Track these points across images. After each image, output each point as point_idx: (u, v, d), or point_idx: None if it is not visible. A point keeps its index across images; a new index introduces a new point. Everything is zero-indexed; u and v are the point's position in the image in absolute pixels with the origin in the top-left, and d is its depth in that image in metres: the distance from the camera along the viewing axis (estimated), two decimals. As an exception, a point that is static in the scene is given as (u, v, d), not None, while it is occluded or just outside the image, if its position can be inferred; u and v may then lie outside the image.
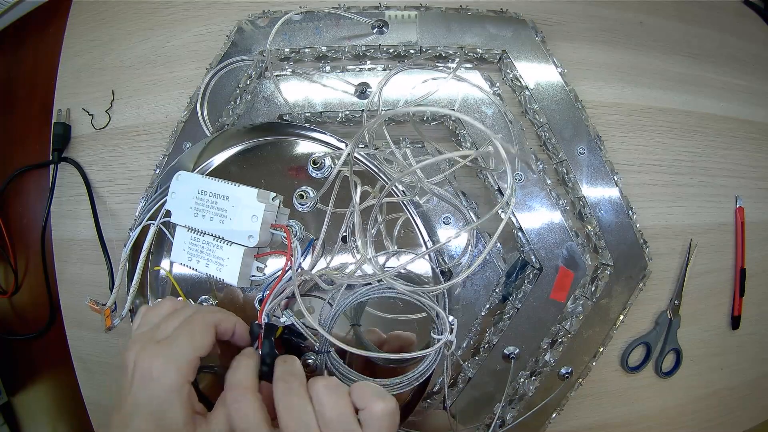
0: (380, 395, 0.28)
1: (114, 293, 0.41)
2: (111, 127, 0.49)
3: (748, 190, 0.52)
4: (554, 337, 0.44)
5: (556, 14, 0.50)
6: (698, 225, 0.50)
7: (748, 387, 0.53)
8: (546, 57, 0.45)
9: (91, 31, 0.51)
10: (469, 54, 0.45)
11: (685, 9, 0.55)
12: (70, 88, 0.51)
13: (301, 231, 0.38)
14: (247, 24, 0.46)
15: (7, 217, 0.52)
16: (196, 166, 0.41)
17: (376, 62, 0.46)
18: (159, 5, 0.50)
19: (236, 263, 0.34)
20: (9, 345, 0.54)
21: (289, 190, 0.38)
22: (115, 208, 0.48)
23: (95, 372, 0.49)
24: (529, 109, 0.46)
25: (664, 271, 0.49)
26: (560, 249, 0.43)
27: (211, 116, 0.44)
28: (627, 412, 0.49)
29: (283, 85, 0.44)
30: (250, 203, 0.34)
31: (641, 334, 0.49)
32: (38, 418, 0.57)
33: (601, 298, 0.43)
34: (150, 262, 0.41)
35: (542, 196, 0.43)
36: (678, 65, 0.52)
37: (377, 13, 0.45)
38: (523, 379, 0.44)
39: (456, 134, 0.44)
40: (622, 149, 0.49)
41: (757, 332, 0.53)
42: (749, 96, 0.54)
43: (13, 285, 0.53)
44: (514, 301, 0.43)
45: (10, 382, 0.56)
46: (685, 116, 0.51)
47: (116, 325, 0.40)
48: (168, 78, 0.49)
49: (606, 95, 0.49)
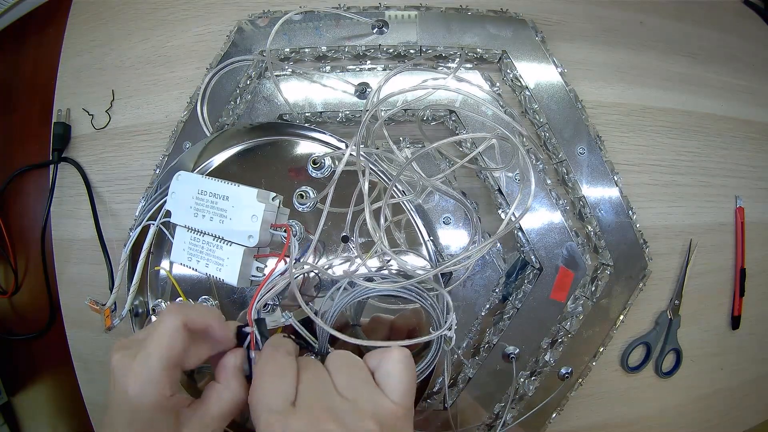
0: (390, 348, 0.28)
1: (114, 293, 0.41)
2: (111, 127, 0.49)
3: (748, 190, 0.52)
4: (554, 337, 0.44)
5: (556, 14, 0.50)
6: (698, 225, 0.50)
7: (748, 387, 0.53)
8: (546, 57, 0.45)
9: (91, 31, 0.51)
10: (469, 54, 0.45)
11: (685, 9, 0.55)
12: (70, 88, 0.51)
13: (301, 231, 0.38)
14: (247, 24, 0.46)
15: (7, 217, 0.52)
16: (196, 166, 0.41)
17: (376, 62, 0.46)
18: (159, 5, 0.50)
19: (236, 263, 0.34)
20: (9, 345, 0.54)
21: (289, 190, 0.38)
22: (115, 208, 0.48)
23: (95, 372, 0.49)
24: (529, 109, 0.46)
25: (664, 271, 0.49)
26: (560, 249, 0.43)
27: (211, 116, 0.44)
28: (627, 412, 0.49)
29: (283, 85, 0.44)
30: (250, 203, 0.34)
31: (641, 334, 0.49)
32: (38, 418, 0.57)
33: (601, 298, 0.43)
34: (150, 262, 0.41)
35: (542, 196, 0.43)
36: (678, 65, 0.52)
37: (377, 13, 0.45)
38: (523, 379, 0.44)
39: (456, 134, 0.44)
40: (622, 149, 0.49)
41: (757, 332, 0.53)
42: (749, 96, 0.54)
43: (13, 285, 0.53)
44: (514, 301, 0.43)
45: (10, 382, 0.56)
46: (685, 116, 0.51)
47: (116, 325, 0.40)
48: (168, 78, 0.49)
49: (606, 95, 0.49)
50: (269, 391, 0.25)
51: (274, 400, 0.25)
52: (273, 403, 0.25)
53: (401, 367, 0.27)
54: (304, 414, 0.24)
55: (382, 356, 0.28)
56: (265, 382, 0.26)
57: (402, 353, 0.28)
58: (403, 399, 0.27)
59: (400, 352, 0.28)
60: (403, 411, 0.27)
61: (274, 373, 0.26)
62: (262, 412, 0.25)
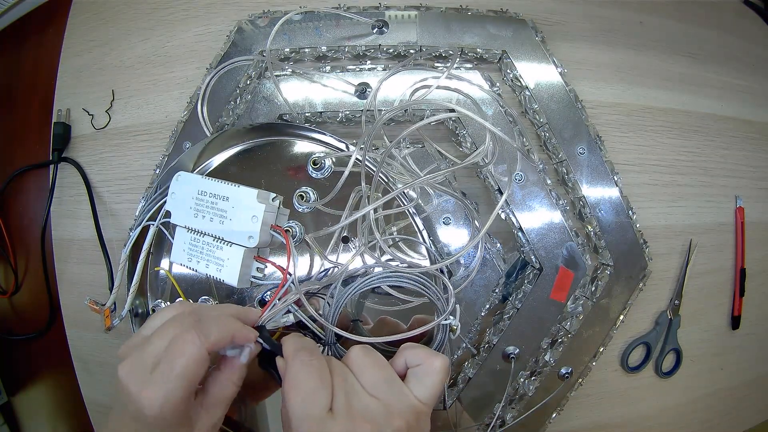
0: (434, 353, 0.30)
1: (114, 293, 0.41)
2: (111, 127, 0.49)
3: (748, 190, 0.52)
4: (554, 337, 0.44)
5: (556, 14, 0.50)
6: (698, 225, 0.50)
7: (748, 387, 0.53)
8: (546, 57, 0.45)
9: (91, 31, 0.51)
10: (469, 54, 0.45)
11: (685, 9, 0.55)
12: (70, 88, 0.51)
13: (301, 232, 0.38)
14: (247, 24, 0.46)
15: (7, 217, 0.52)
16: (196, 166, 0.41)
17: (376, 62, 0.46)
18: (159, 5, 0.50)
19: (236, 264, 0.34)
20: (9, 345, 0.54)
21: (289, 190, 0.38)
22: (115, 208, 0.48)
23: (95, 372, 0.49)
24: (529, 109, 0.46)
25: (664, 271, 0.49)
26: (560, 249, 0.43)
27: (211, 116, 0.44)
28: (627, 412, 0.49)
29: (283, 85, 0.44)
30: (250, 204, 0.34)
31: (641, 334, 0.49)
32: (38, 418, 0.57)
33: (601, 298, 0.43)
34: (150, 262, 0.41)
35: (542, 196, 0.43)
36: (678, 65, 0.52)
37: (377, 13, 0.45)
38: (523, 379, 0.44)
39: (456, 134, 0.44)
40: (622, 149, 0.49)
41: (757, 332, 0.53)
42: (749, 96, 0.54)
43: (13, 285, 0.53)
44: (514, 301, 0.43)
45: (10, 382, 0.56)
46: (685, 116, 0.51)
47: (116, 326, 0.40)
48: (168, 78, 0.49)
49: (606, 95, 0.49)
50: (309, 400, 0.26)
51: (314, 408, 0.25)
52: (312, 411, 0.25)
53: (441, 376, 0.29)
54: (342, 419, 0.25)
55: (423, 360, 0.29)
56: (304, 391, 0.26)
57: (445, 362, 0.29)
58: (430, 400, 0.28)
59: (443, 361, 0.29)
60: (428, 410, 0.28)
61: (310, 380, 0.26)
62: (304, 420, 0.25)
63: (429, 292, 0.33)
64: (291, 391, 0.26)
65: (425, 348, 0.30)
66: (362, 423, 0.25)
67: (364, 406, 0.26)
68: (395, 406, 0.27)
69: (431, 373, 0.29)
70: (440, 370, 0.29)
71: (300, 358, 0.27)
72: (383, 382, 0.28)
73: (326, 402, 0.26)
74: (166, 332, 0.26)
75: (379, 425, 0.26)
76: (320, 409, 0.25)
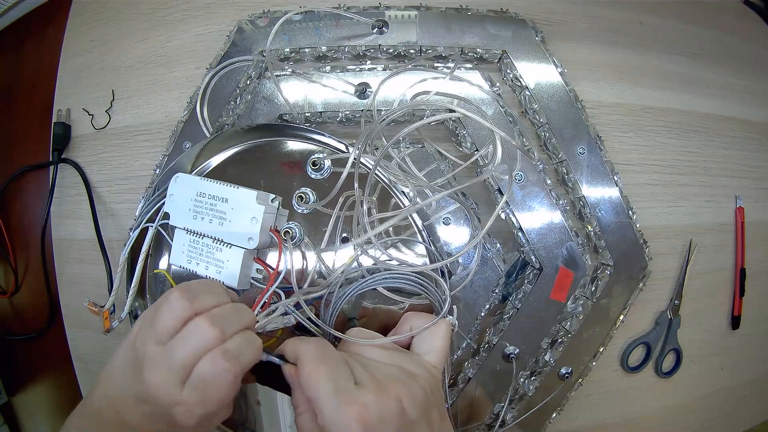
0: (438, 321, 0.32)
1: (113, 295, 0.40)
2: (111, 127, 0.49)
3: (748, 190, 0.52)
4: (554, 337, 0.44)
5: (557, 14, 0.50)
6: (698, 225, 0.50)
7: (748, 387, 0.53)
8: (546, 57, 0.45)
9: (91, 31, 0.51)
10: (469, 54, 0.45)
11: (685, 9, 0.55)
12: (70, 88, 0.51)
13: (300, 233, 0.37)
14: (247, 24, 0.46)
15: (7, 217, 0.52)
16: (194, 167, 0.41)
17: (376, 62, 0.45)
18: (159, 5, 0.50)
19: (236, 265, 0.34)
20: (9, 345, 0.54)
21: (289, 191, 0.38)
22: (114, 209, 0.48)
23: (95, 372, 0.49)
24: (529, 109, 0.46)
25: (664, 271, 0.49)
26: (560, 249, 0.43)
27: (211, 116, 0.44)
28: (627, 412, 0.49)
29: (283, 85, 0.44)
30: (249, 205, 0.34)
31: (641, 334, 0.49)
32: (38, 418, 0.57)
33: (601, 298, 0.43)
34: (149, 263, 0.41)
35: (542, 196, 0.43)
36: (678, 65, 0.52)
37: (377, 13, 0.45)
38: (523, 379, 0.44)
39: (456, 134, 0.44)
40: (622, 149, 0.48)
41: (757, 332, 0.53)
42: (749, 96, 0.54)
43: (13, 285, 0.53)
44: (514, 301, 0.43)
45: (10, 382, 0.56)
46: (685, 116, 0.51)
47: (115, 328, 0.39)
48: (168, 78, 0.49)
49: (606, 95, 0.49)
50: (335, 375, 0.26)
51: (342, 381, 0.26)
52: (341, 383, 0.26)
53: (446, 340, 0.31)
54: (371, 387, 0.26)
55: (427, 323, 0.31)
56: (327, 370, 0.26)
57: (448, 326, 0.32)
58: (439, 362, 0.31)
59: (447, 325, 0.31)
60: (438, 374, 0.30)
61: (329, 359, 0.27)
62: (333, 396, 0.25)
63: (426, 292, 0.34)
64: (312, 375, 0.26)
65: (428, 314, 0.33)
66: (392, 385, 0.26)
67: (385, 373, 0.28)
68: (410, 367, 0.28)
69: (437, 336, 0.31)
70: (445, 332, 0.31)
71: (317, 343, 0.28)
72: (392, 351, 0.30)
73: (350, 377, 0.26)
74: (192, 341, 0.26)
75: (407, 385, 0.27)
76: (348, 381, 0.26)
